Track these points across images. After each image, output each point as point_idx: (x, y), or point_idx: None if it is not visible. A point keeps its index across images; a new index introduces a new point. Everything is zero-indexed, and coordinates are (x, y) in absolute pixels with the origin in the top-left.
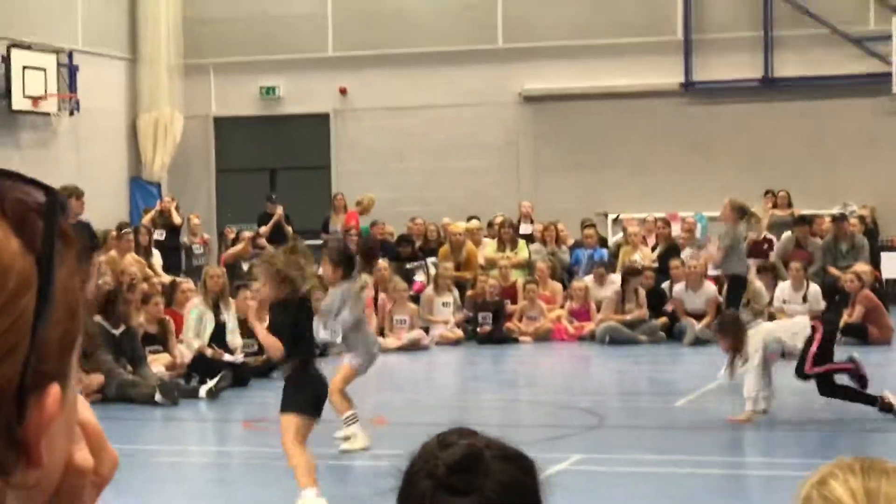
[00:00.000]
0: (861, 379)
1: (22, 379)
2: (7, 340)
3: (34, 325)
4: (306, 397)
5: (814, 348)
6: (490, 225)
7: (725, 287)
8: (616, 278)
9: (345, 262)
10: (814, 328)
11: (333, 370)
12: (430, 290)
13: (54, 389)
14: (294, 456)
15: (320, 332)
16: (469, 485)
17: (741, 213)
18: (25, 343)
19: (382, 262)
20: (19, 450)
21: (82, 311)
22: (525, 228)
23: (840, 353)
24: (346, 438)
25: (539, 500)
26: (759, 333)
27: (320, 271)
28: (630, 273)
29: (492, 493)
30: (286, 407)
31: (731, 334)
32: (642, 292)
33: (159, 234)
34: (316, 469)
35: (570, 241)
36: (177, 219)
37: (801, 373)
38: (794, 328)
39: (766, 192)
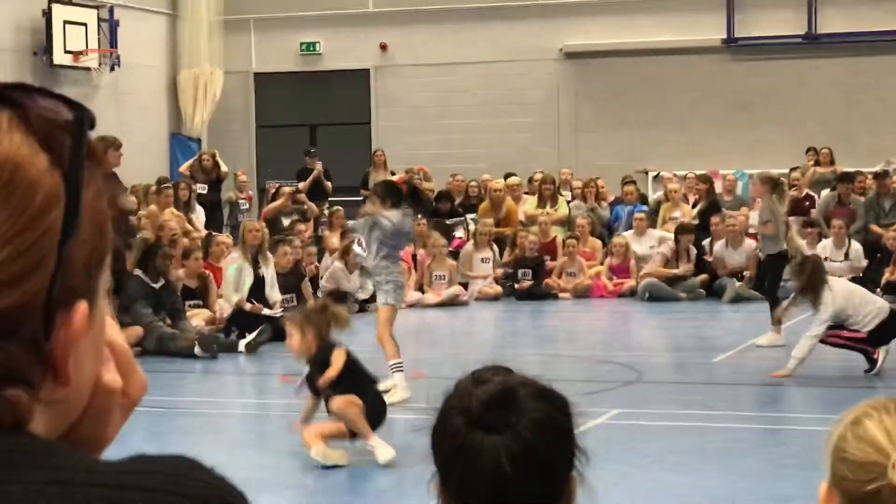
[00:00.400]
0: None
1: (49, 295)
2: (33, 255)
3: (61, 241)
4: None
5: (874, 326)
6: (530, 181)
7: (765, 264)
8: (656, 233)
9: (391, 194)
10: (892, 312)
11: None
12: (469, 245)
13: (82, 306)
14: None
15: (354, 248)
16: (503, 421)
17: (772, 185)
18: (52, 259)
19: (420, 219)
20: (47, 365)
21: (110, 230)
22: (565, 195)
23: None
24: (387, 391)
25: (573, 439)
26: (838, 297)
27: (367, 208)
28: (682, 231)
29: (525, 430)
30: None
31: (806, 277)
32: (693, 250)
33: (201, 189)
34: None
35: (611, 198)
36: (223, 167)
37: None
38: (872, 309)
39: (809, 150)
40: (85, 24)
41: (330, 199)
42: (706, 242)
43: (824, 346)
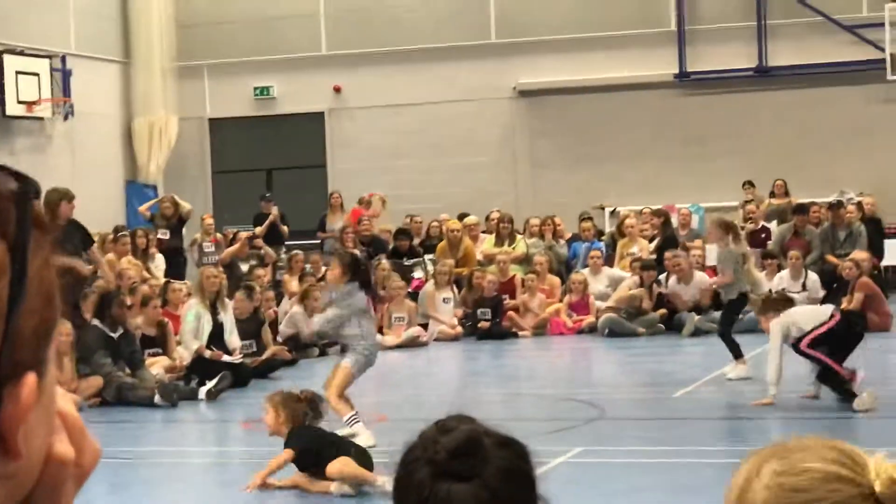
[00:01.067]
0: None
1: None
2: None
3: (8, 312)
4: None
5: (821, 330)
6: (487, 219)
7: (726, 305)
8: (611, 271)
9: (352, 268)
10: (832, 316)
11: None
12: (430, 286)
13: (30, 378)
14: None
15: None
16: (470, 470)
17: (726, 229)
18: None
19: (385, 262)
20: None
21: (58, 300)
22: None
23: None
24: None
25: (534, 485)
26: (781, 318)
27: (327, 273)
28: (645, 267)
29: (492, 478)
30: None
31: (773, 313)
32: (656, 287)
33: (163, 234)
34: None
35: (568, 235)
36: (186, 206)
37: (796, 346)
38: (817, 316)
39: (744, 183)
40: (37, 74)
41: (287, 243)
42: (663, 277)
43: (797, 374)
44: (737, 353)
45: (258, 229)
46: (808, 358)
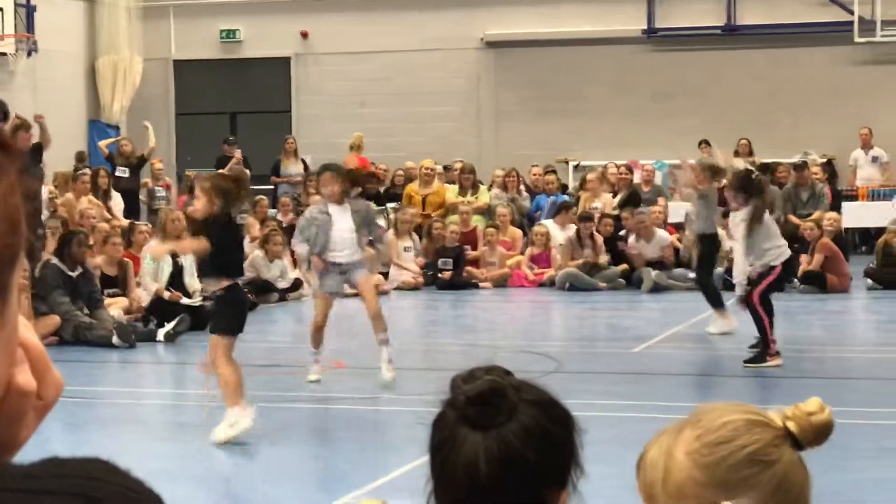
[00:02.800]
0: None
1: None
2: None
3: None
4: (234, 317)
5: (770, 279)
6: (446, 169)
7: (698, 247)
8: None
9: (352, 179)
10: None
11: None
12: (390, 234)
13: None
14: (224, 374)
15: (297, 246)
16: (488, 420)
17: (713, 172)
18: None
19: None
20: None
21: (23, 226)
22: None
23: (800, 301)
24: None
25: (568, 454)
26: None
27: (323, 190)
28: (583, 219)
29: (510, 433)
30: (216, 328)
31: (743, 190)
32: (599, 238)
33: (122, 172)
34: (243, 384)
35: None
36: (152, 140)
37: (745, 298)
38: (779, 245)
39: (700, 143)
40: (1, 9)
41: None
42: (624, 232)
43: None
44: (717, 303)
45: (222, 171)
46: (751, 310)
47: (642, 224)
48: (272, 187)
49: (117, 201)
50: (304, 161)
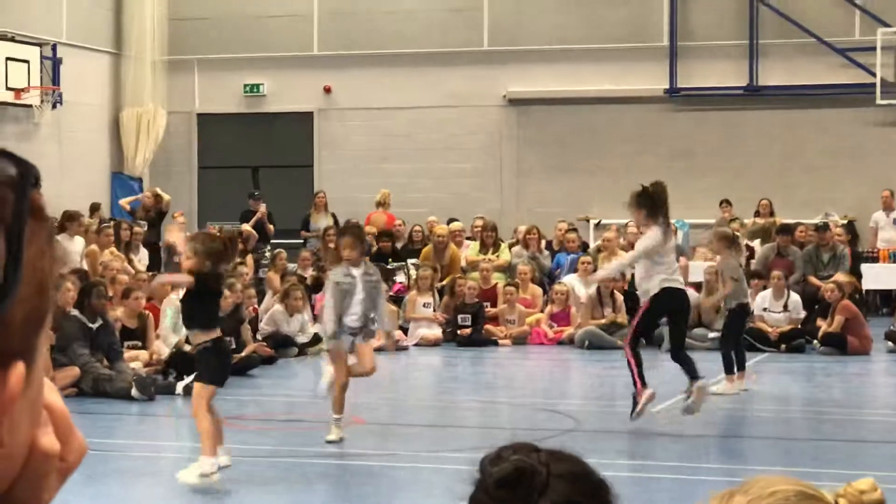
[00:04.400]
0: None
1: None
2: None
3: (0, 300)
4: (220, 368)
5: (638, 316)
6: (473, 227)
7: (727, 317)
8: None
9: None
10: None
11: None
12: (412, 291)
13: (18, 368)
14: (202, 423)
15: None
16: (518, 501)
17: (729, 241)
18: None
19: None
20: None
21: (51, 290)
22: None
23: (820, 364)
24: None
25: None
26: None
27: (344, 253)
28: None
29: None
30: (201, 378)
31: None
32: (619, 297)
33: (141, 225)
34: (221, 434)
35: (552, 244)
36: (165, 196)
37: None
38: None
39: (722, 202)
40: (27, 62)
41: (272, 241)
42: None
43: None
44: (728, 369)
45: (245, 226)
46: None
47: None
48: (302, 241)
49: (142, 256)
50: (333, 215)
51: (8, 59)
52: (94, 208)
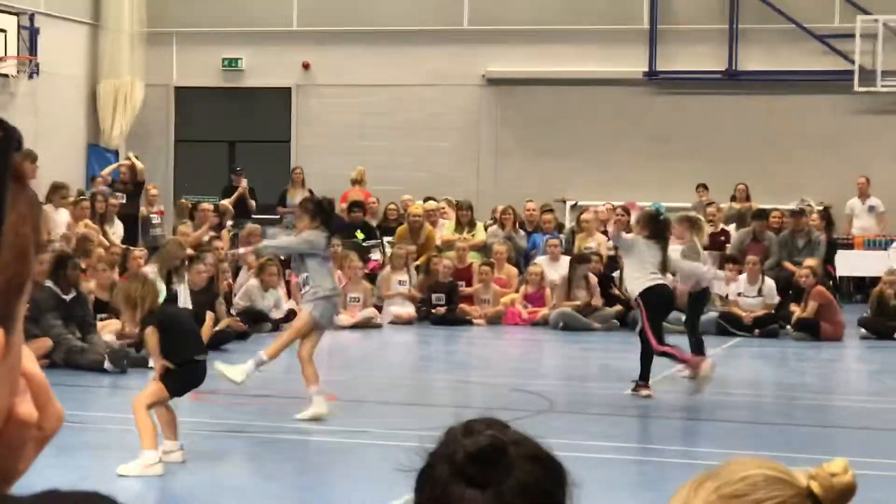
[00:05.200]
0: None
1: None
2: None
3: None
4: (185, 385)
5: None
6: (447, 205)
7: (689, 300)
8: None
9: (320, 213)
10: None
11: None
12: (387, 268)
13: None
14: (140, 417)
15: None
16: (486, 478)
17: (690, 224)
18: None
19: (336, 241)
20: None
21: (32, 256)
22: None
23: (793, 349)
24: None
25: None
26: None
27: (297, 224)
28: (577, 260)
29: (509, 491)
30: (165, 381)
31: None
32: (593, 279)
33: (119, 197)
34: (175, 427)
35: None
36: (139, 164)
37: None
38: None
39: (698, 186)
40: (4, 31)
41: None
42: (617, 274)
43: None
44: (698, 351)
45: (226, 201)
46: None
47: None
48: (279, 217)
49: (117, 228)
50: (311, 191)
51: None
52: (79, 193)
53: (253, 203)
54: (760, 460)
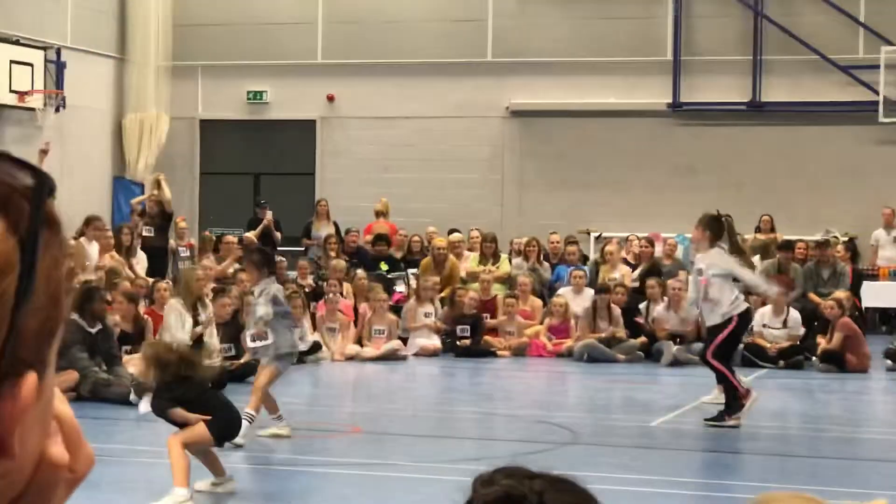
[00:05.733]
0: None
1: None
2: None
3: (13, 310)
4: (220, 430)
5: (724, 335)
6: (470, 238)
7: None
8: (592, 292)
9: (268, 263)
10: (731, 319)
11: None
12: (412, 300)
13: (31, 378)
14: (174, 454)
15: (247, 341)
16: None
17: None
18: (3, 328)
19: (360, 272)
20: None
21: (65, 300)
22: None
23: (819, 380)
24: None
25: None
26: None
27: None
28: (601, 290)
29: None
30: (211, 428)
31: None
32: (616, 310)
33: (147, 231)
34: (217, 461)
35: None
36: (167, 192)
37: (703, 356)
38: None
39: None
40: (31, 65)
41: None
42: (643, 305)
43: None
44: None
45: (252, 233)
46: (711, 368)
47: (677, 293)
48: (303, 249)
49: (141, 260)
50: (335, 224)
51: (12, 61)
52: (91, 219)
53: (279, 235)
54: (800, 494)
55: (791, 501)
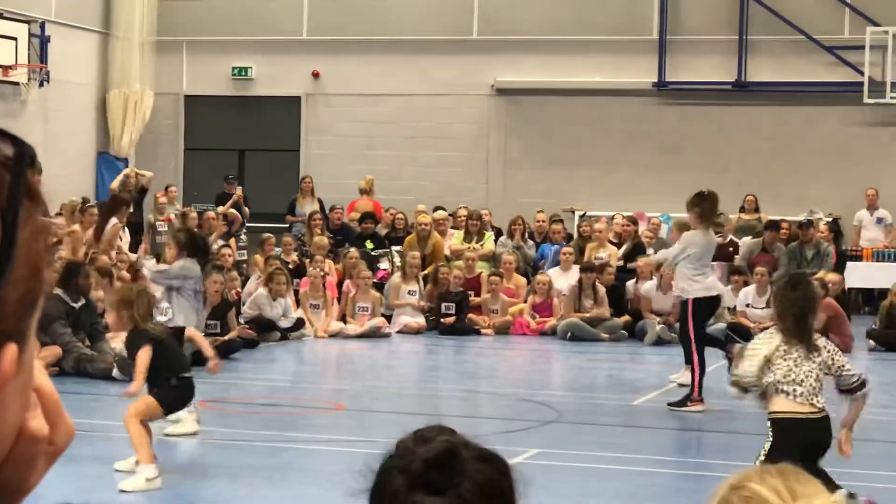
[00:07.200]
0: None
1: None
2: None
3: None
4: (178, 402)
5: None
6: (454, 216)
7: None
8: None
9: (189, 248)
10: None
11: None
12: (396, 277)
13: (11, 349)
14: (132, 429)
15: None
16: (445, 483)
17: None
18: None
19: (353, 251)
20: None
21: (45, 272)
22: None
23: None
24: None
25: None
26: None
27: (166, 253)
28: (586, 269)
29: (467, 492)
30: (160, 397)
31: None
32: (601, 289)
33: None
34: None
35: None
36: (146, 174)
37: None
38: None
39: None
40: (15, 39)
41: (256, 225)
42: (629, 283)
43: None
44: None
45: (221, 209)
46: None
47: (668, 275)
48: (287, 226)
49: (125, 236)
50: (320, 201)
51: None
52: (85, 201)
53: (247, 210)
54: (772, 470)
55: (766, 478)
